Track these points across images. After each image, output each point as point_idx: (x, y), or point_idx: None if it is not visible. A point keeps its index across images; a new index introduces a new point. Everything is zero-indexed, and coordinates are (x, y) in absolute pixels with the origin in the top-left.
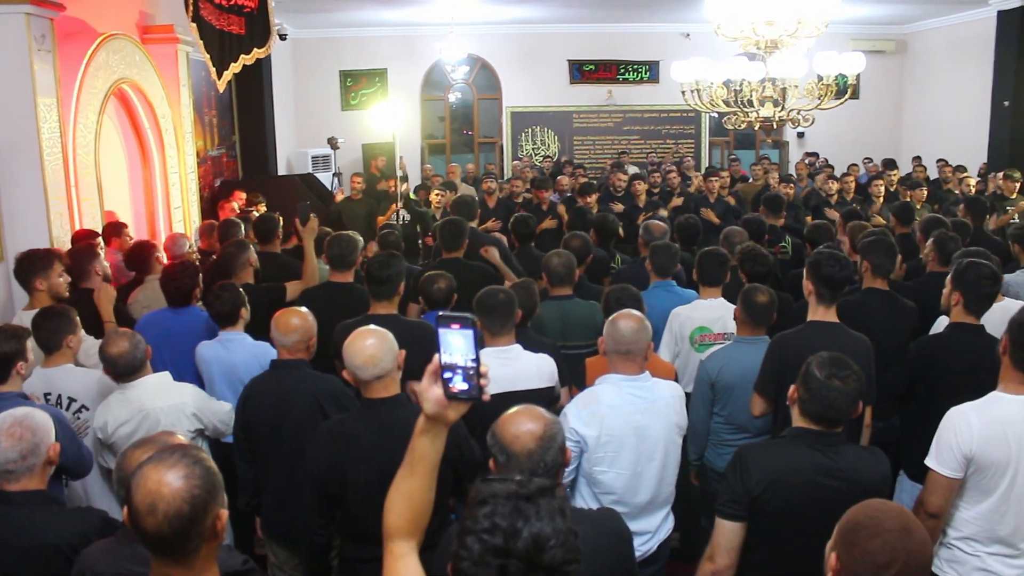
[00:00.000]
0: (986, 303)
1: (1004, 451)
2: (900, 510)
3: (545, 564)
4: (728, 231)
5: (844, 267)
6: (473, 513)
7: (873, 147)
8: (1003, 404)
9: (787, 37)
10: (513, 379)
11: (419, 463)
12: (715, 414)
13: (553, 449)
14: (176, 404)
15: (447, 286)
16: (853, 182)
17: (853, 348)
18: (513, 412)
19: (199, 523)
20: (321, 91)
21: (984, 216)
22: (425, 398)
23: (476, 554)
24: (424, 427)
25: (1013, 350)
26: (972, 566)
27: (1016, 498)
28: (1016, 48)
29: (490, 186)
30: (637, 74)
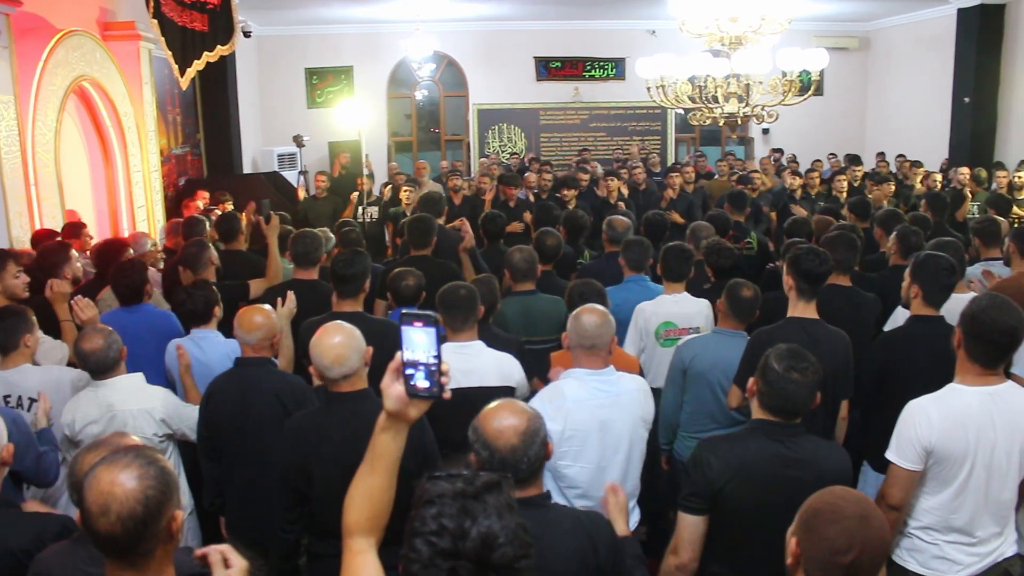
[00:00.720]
0: (944, 294)
1: (963, 443)
2: (859, 497)
3: (495, 563)
4: (695, 226)
5: (824, 262)
6: (420, 514)
7: (837, 143)
8: (961, 396)
9: (751, 33)
10: (469, 374)
11: (380, 460)
12: (685, 402)
13: (536, 444)
14: (146, 408)
15: (415, 283)
16: (817, 178)
17: (832, 343)
18: (495, 407)
19: (153, 524)
20: (286, 89)
21: (945, 210)
22: (387, 395)
23: (425, 557)
24: (385, 424)
25: (966, 343)
26: (931, 554)
27: (974, 488)
28: (976, 45)
29: (456, 183)
30: (603, 71)
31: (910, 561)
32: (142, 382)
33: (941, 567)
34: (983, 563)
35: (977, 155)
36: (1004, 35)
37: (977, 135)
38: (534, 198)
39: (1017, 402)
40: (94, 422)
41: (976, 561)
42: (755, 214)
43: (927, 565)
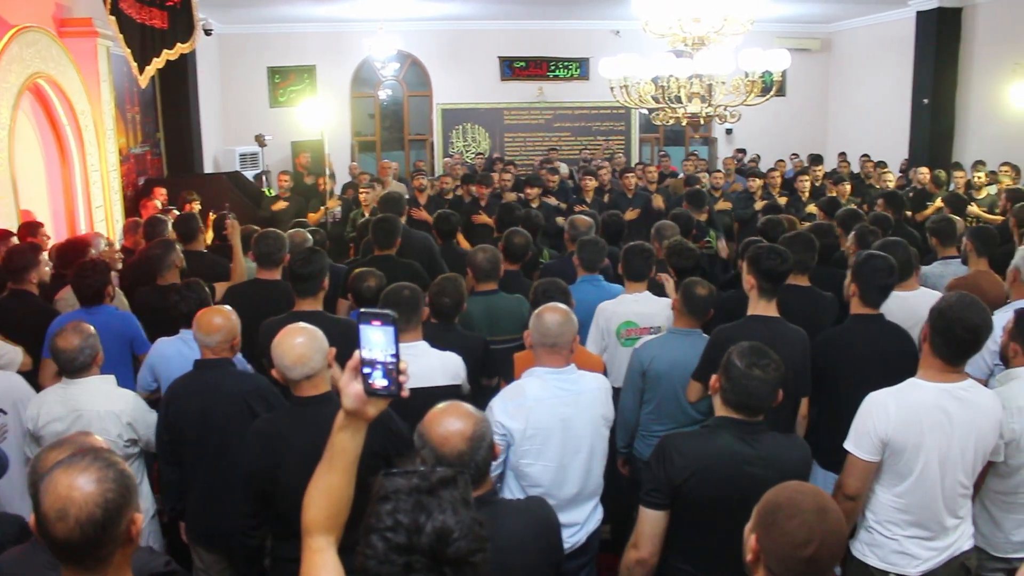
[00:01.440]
0: (880, 295)
1: (918, 436)
2: (816, 491)
3: (450, 557)
4: (659, 225)
5: (784, 260)
6: (376, 510)
7: (800, 143)
8: (920, 390)
9: (714, 34)
10: (416, 376)
11: (338, 458)
12: (644, 403)
13: (483, 448)
14: (113, 411)
15: (377, 284)
16: (778, 177)
17: (791, 341)
18: (440, 411)
19: (113, 528)
20: (248, 88)
21: (902, 209)
22: (345, 393)
23: (381, 553)
24: (343, 423)
25: (932, 338)
26: (891, 549)
27: (930, 482)
28: (934, 48)
29: (421, 183)
30: (568, 71)
31: (870, 556)
32: (112, 385)
33: (900, 562)
34: (941, 557)
35: (936, 155)
36: (961, 38)
37: (936, 136)
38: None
39: (976, 398)
40: (58, 420)
41: (934, 555)
42: (711, 213)
43: (886, 560)
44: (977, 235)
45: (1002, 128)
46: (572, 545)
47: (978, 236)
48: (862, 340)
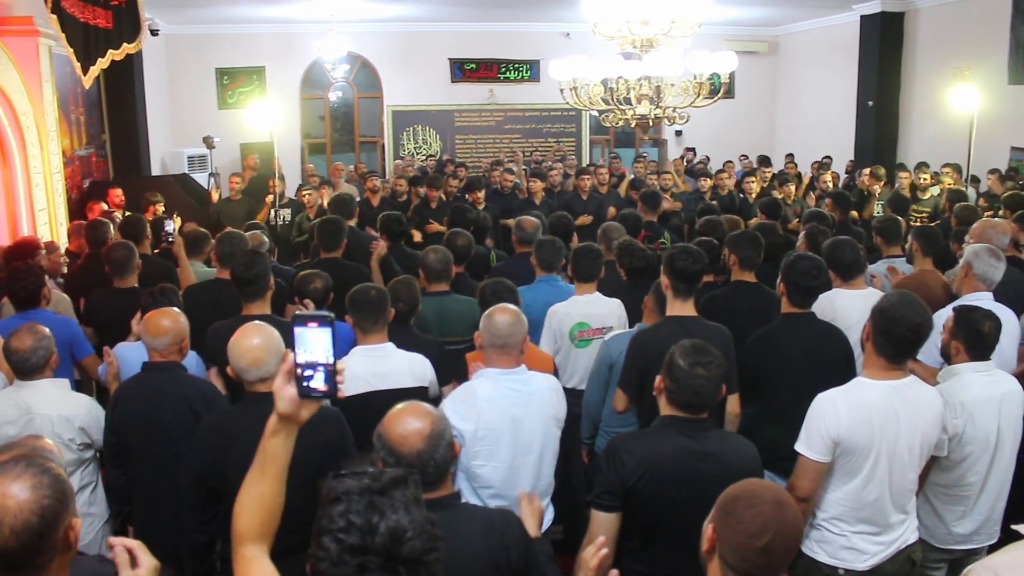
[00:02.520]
0: (807, 296)
1: (868, 434)
2: (775, 487)
3: (405, 557)
4: (605, 226)
5: (697, 260)
6: (328, 512)
7: (749, 145)
8: (867, 389)
9: (662, 36)
10: (384, 377)
11: (270, 464)
12: (607, 398)
13: (442, 446)
14: (66, 415)
15: (323, 285)
16: (727, 178)
17: (712, 339)
18: (398, 411)
19: (50, 535)
20: (197, 89)
21: (849, 209)
22: (280, 397)
23: (334, 554)
24: (276, 427)
25: (875, 337)
26: (839, 545)
27: (879, 479)
28: (878, 51)
29: (375, 185)
30: (518, 73)
31: (820, 552)
32: (66, 389)
33: (849, 557)
34: (888, 551)
35: (881, 156)
36: (904, 42)
37: (880, 137)
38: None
39: (919, 395)
40: (11, 423)
41: (882, 549)
42: (665, 214)
43: (836, 556)
44: (922, 234)
45: (943, 130)
46: None
47: (923, 235)
48: (794, 338)
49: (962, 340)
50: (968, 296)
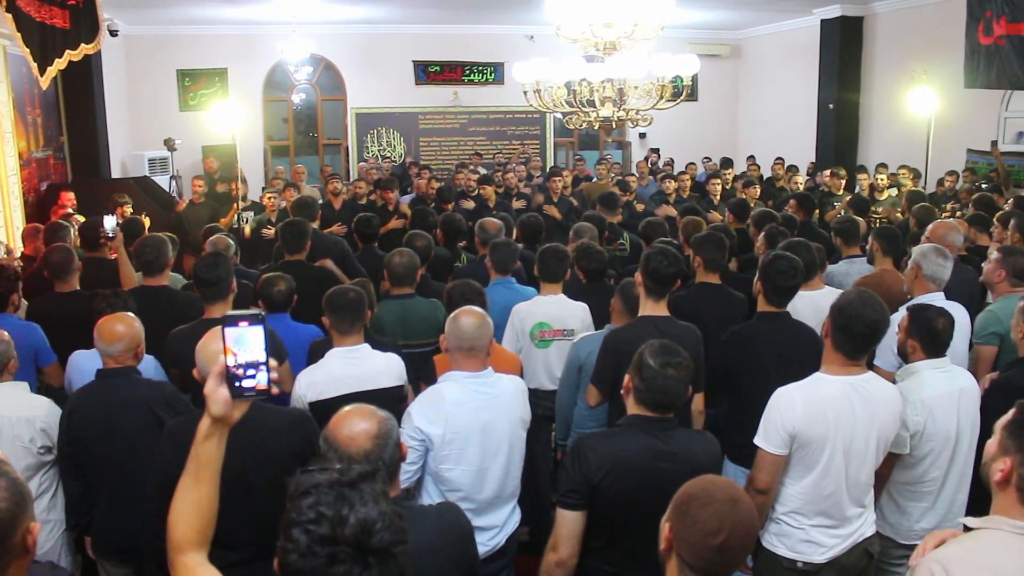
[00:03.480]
0: (784, 295)
1: (824, 428)
2: (730, 484)
3: (374, 547)
4: (578, 227)
5: (672, 263)
6: (297, 505)
7: (711, 147)
8: (824, 384)
9: (625, 39)
10: (362, 379)
11: (205, 469)
12: (580, 400)
13: (390, 446)
14: (27, 416)
15: (286, 288)
16: (689, 180)
17: (684, 338)
18: (345, 412)
19: (7, 539)
20: (157, 91)
21: (812, 211)
22: (213, 400)
23: (303, 545)
24: (209, 431)
25: (834, 333)
26: (798, 538)
27: (835, 472)
28: (838, 55)
29: (336, 187)
30: (482, 75)
31: (779, 546)
32: (26, 391)
33: (807, 550)
34: (845, 543)
35: (841, 158)
36: (863, 45)
37: (841, 139)
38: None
39: (876, 391)
40: None
41: (839, 542)
42: (628, 215)
43: (795, 549)
44: (883, 235)
45: (902, 132)
46: (491, 548)
47: (884, 236)
48: (767, 338)
49: (918, 338)
50: (920, 296)
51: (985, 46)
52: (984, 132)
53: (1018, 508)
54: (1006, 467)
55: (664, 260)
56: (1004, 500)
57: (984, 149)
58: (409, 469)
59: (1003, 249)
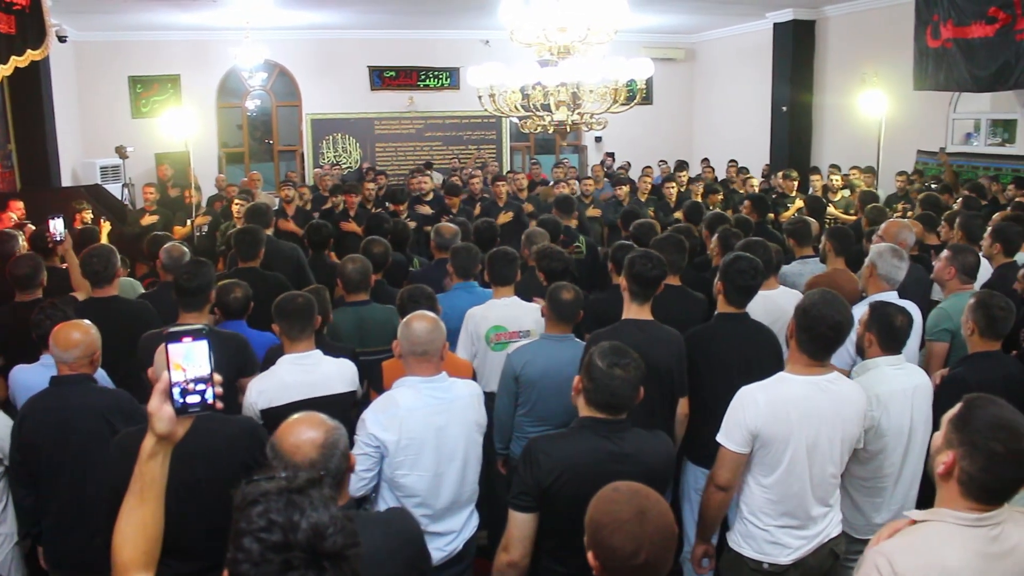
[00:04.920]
0: (745, 295)
1: (786, 427)
2: (633, 493)
3: (328, 551)
4: (529, 232)
5: (656, 265)
6: (246, 515)
7: (667, 150)
8: (787, 384)
9: (579, 43)
10: (314, 385)
11: (148, 489)
12: (519, 405)
13: (336, 456)
14: None
15: (243, 295)
16: (648, 183)
17: (666, 342)
18: (292, 421)
19: None
20: (109, 97)
21: (766, 212)
22: (158, 418)
23: (256, 554)
24: (153, 450)
25: (798, 334)
26: (763, 539)
27: (799, 472)
28: (791, 58)
29: (289, 194)
30: (438, 80)
31: (745, 547)
32: None
33: (772, 551)
34: (811, 545)
35: (795, 160)
36: (815, 49)
37: (794, 141)
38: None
39: (840, 391)
40: None
41: (804, 543)
42: (582, 219)
43: (760, 550)
44: (835, 235)
45: (854, 133)
46: (449, 553)
47: (836, 236)
48: (727, 338)
49: (875, 333)
50: (874, 295)
51: (933, 49)
52: (934, 133)
53: (960, 500)
54: (949, 460)
55: (648, 263)
56: (947, 492)
57: (934, 150)
58: (365, 476)
59: (953, 247)
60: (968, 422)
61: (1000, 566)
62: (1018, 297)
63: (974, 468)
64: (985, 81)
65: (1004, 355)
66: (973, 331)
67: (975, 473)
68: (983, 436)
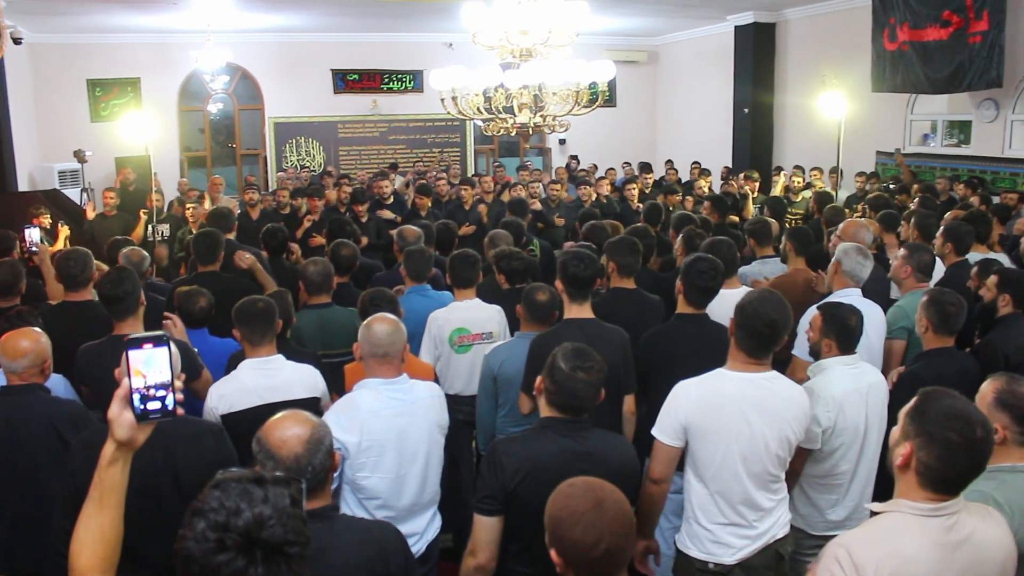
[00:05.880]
0: (705, 295)
1: (717, 422)
2: (588, 487)
3: (263, 540)
4: (492, 234)
5: (588, 266)
6: (204, 495)
7: (631, 152)
8: (723, 379)
9: (541, 46)
10: (275, 390)
11: (108, 496)
12: (500, 406)
13: (321, 452)
14: None
15: (207, 304)
16: (608, 185)
17: (609, 340)
18: (279, 417)
19: None
20: (67, 101)
21: (726, 213)
22: (118, 424)
23: (198, 531)
24: (113, 456)
25: (736, 332)
26: (707, 540)
27: (732, 468)
28: (752, 60)
29: (252, 198)
30: (402, 83)
31: (691, 548)
32: None
33: (717, 551)
34: (755, 545)
35: (757, 161)
36: (776, 50)
37: (756, 142)
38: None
39: (779, 389)
40: None
41: (749, 543)
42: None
43: (706, 550)
44: (795, 236)
45: (814, 134)
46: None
47: (796, 236)
48: (684, 339)
49: (834, 337)
50: (838, 292)
51: (890, 51)
52: (892, 134)
53: (918, 491)
54: (906, 451)
55: (580, 263)
56: (905, 483)
57: (892, 151)
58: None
59: (909, 246)
60: (924, 414)
61: (955, 555)
62: (971, 294)
63: (930, 458)
64: (940, 83)
65: (958, 351)
66: (927, 328)
67: (931, 463)
68: (939, 426)
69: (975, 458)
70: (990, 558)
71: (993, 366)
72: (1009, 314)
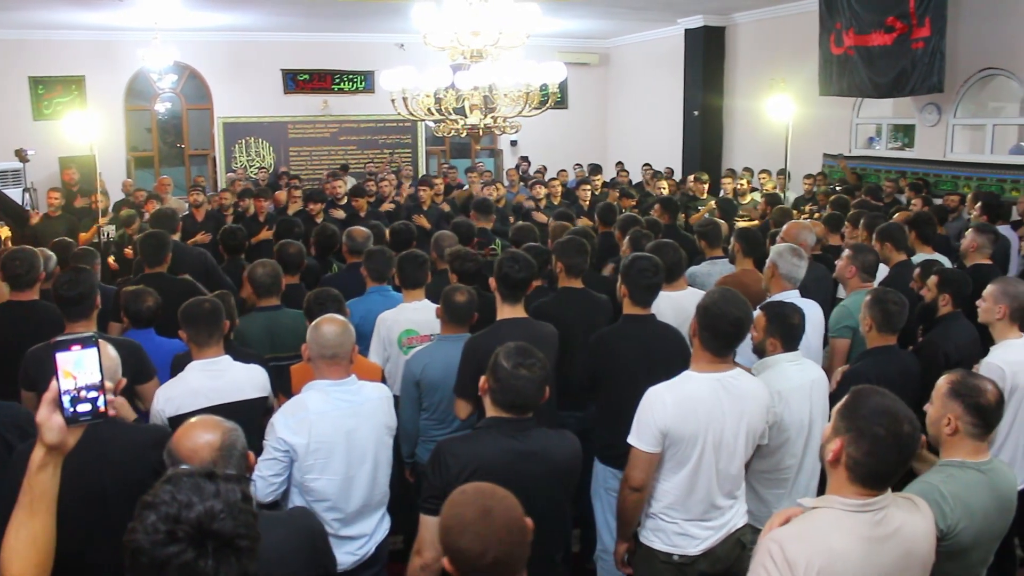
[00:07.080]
0: (648, 294)
1: (694, 425)
2: (476, 494)
3: (214, 532)
4: (438, 235)
5: (523, 267)
6: (155, 490)
7: (582, 153)
8: (693, 382)
9: (492, 47)
10: (223, 391)
11: (39, 501)
12: (423, 410)
13: (235, 457)
14: None
15: (155, 303)
16: (559, 186)
17: (541, 338)
18: (188, 425)
19: None
20: (8, 99)
21: (677, 214)
22: (47, 428)
23: (149, 524)
24: (43, 461)
25: (700, 332)
26: (672, 532)
27: (706, 467)
28: (702, 63)
29: (197, 199)
30: (352, 84)
31: (655, 540)
32: None
33: (682, 543)
34: (718, 535)
35: (707, 163)
36: (726, 54)
37: (706, 145)
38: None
39: (743, 387)
40: None
41: (712, 534)
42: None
43: (670, 542)
44: (744, 237)
45: (763, 137)
46: (361, 557)
47: (744, 238)
48: (633, 340)
49: (778, 335)
50: (777, 294)
51: (836, 56)
52: (838, 137)
53: (848, 486)
54: (836, 447)
55: (515, 265)
56: (836, 479)
57: (838, 154)
58: (274, 481)
59: (854, 247)
60: (854, 410)
61: (883, 548)
62: (914, 294)
63: (859, 453)
64: (884, 88)
65: (900, 349)
66: (871, 327)
67: (860, 458)
68: (867, 422)
69: (902, 453)
70: (917, 550)
71: (933, 364)
72: (949, 313)
